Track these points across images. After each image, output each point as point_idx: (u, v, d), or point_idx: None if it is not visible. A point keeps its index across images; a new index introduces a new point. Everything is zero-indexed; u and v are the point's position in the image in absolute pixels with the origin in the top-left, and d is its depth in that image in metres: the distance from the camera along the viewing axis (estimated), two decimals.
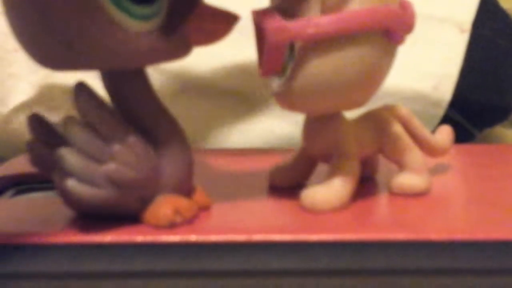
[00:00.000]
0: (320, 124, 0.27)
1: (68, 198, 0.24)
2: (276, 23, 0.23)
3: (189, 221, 0.24)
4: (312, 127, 0.27)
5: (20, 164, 0.33)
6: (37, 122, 0.25)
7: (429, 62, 0.43)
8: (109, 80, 0.24)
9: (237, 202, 0.27)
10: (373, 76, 0.25)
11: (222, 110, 0.44)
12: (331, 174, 0.26)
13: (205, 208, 0.26)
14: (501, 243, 0.22)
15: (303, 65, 0.24)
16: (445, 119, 0.43)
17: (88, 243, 0.23)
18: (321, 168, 0.28)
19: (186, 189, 0.25)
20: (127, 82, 0.24)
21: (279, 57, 0.24)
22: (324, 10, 0.23)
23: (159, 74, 0.42)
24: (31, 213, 0.26)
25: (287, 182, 0.28)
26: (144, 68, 0.25)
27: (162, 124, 0.25)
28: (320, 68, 0.24)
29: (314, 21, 0.23)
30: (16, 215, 0.26)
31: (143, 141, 0.24)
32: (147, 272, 0.22)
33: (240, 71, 0.43)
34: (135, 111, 0.24)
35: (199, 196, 0.26)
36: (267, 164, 0.29)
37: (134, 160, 0.23)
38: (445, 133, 0.30)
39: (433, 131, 0.31)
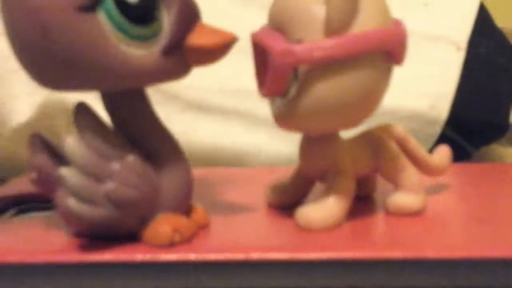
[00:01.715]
0: (316, 144, 0.27)
1: (69, 218, 0.24)
2: (281, 46, 0.24)
3: (188, 240, 0.24)
4: (309, 146, 0.27)
5: (21, 184, 0.33)
6: (38, 142, 0.25)
7: (425, 81, 0.43)
8: (109, 100, 0.25)
9: (235, 221, 0.27)
10: (374, 96, 0.25)
11: (221, 129, 0.44)
12: (326, 193, 0.26)
13: (204, 226, 0.26)
14: (498, 261, 0.22)
15: (308, 87, 0.24)
16: (442, 138, 0.43)
17: (87, 262, 0.23)
18: (319, 187, 0.28)
19: (185, 208, 0.26)
20: (127, 103, 0.25)
21: (284, 80, 0.24)
22: (328, 33, 0.24)
23: (158, 94, 0.43)
24: (31, 233, 0.26)
25: (285, 201, 0.29)
26: (144, 89, 0.25)
27: (162, 143, 0.25)
28: (326, 90, 0.24)
29: (320, 44, 0.23)
30: (17, 234, 0.26)
31: (143, 160, 0.24)
32: None
33: (238, 90, 0.44)
34: (135, 131, 0.25)
35: (199, 214, 0.26)
36: (264, 183, 0.30)
37: (134, 179, 0.23)
38: (443, 153, 0.31)
39: (430, 150, 0.31)
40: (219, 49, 0.24)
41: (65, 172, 0.23)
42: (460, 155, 0.44)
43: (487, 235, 0.25)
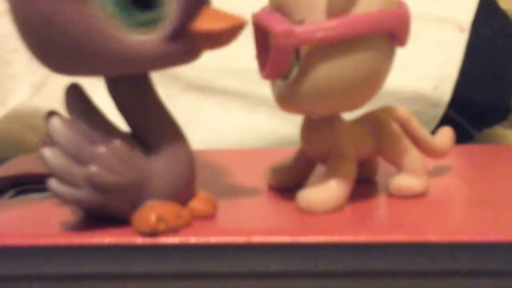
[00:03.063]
0: (318, 126, 0.27)
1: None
2: (283, 27, 0.23)
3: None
4: (310, 128, 0.27)
5: (20, 165, 0.33)
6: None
7: (428, 63, 0.43)
8: (113, 85, 0.24)
9: (236, 204, 0.27)
10: (377, 78, 0.25)
11: (222, 110, 0.44)
12: (327, 176, 0.26)
13: (205, 216, 0.25)
14: (501, 245, 0.22)
15: (310, 69, 0.24)
16: (444, 120, 0.43)
17: (87, 245, 0.23)
18: (320, 169, 0.28)
19: (183, 196, 0.25)
20: (131, 87, 0.24)
21: (285, 61, 0.24)
22: (330, 14, 0.23)
23: (159, 74, 0.42)
24: (30, 215, 0.26)
25: (286, 183, 0.28)
26: (148, 74, 0.25)
27: (162, 129, 0.25)
28: (327, 72, 0.24)
29: (322, 25, 0.23)
30: (15, 216, 0.26)
31: (131, 145, 0.24)
32: (146, 274, 0.22)
33: (239, 71, 0.43)
34: (136, 116, 0.24)
35: (199, 203, 0.25)
36: (265, 164, 0.29)
37: (118, 164, 0.23)
38: (446, 135, 0.30)
39: (433, 132, 0.31)
40: (227, 33, 0.23)
41: (47, 152, 0.23)
42: (462, 137, 0.44)
43: (489, 218, 0.24)
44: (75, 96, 0.24)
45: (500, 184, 0.29)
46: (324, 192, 0.25)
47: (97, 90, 0.26)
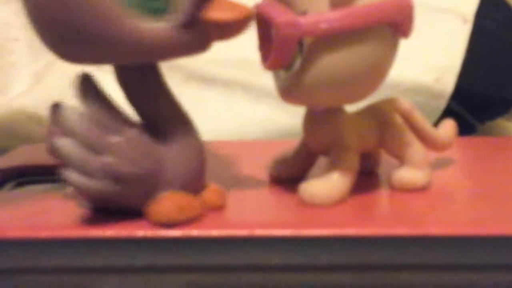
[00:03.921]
0: (321, 118, 0.27)
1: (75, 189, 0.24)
2: (287, 17, 0.23)
3: (192, 220, 0.24)
4: (313, 120, 0.27)
5: (21, 156, 0.33)
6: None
7: (431, 54, 0.43)
8: (122, 74, 0.24)
9: (238, 196, 0.27)
10: (380, 69, 0.25)
11: (224, 100, 0.44)
12: (330, 168, 0.26)
13: (215, 208, 0.25)
14: (503, 238, 0.22)
15: (314, 60, 0.24)
16: (447, 111, 0.43)
17: (88, 237, 0.23)
18: (322, 161, 0.28)
19: (195, 186, 0.25)
20: (140, 76, 0.24)
21: (289, 52, 0.24)
22: (333, 5, 0.23)
23: (161, 64, 0.42)
24: (31, 207, 0.26)
25: (288, 175, 0.28)
26: (157, 63, 0.25)
27: (173, 119, 0.25)
28: (331, 63, 0.24)
29: (326, 16, 0.23)
30: (17, 208, 0.26)
31: (146, 135, 0.24)
32: (148, 267, 0.22)
33: (241, 62, 0.43)
34: (146, 106, 0.24)
35: (211, 194, 0.25)
36: (267, 156, 0.29)
37: (133, 154, 0.23)
38: (449, 127, 0.30)
39: (435, 124, 0.31)
40: (237, 24, 0.23)
41: (61, 142, 0.23)
42: (465, 129, 0.44)
43: (492, 211, 0.24)
44: (88, 84, 0.23)
45: (503, 176, 0.29)
46: (327, 184, 0.25)
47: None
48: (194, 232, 0.23)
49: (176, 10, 0.23)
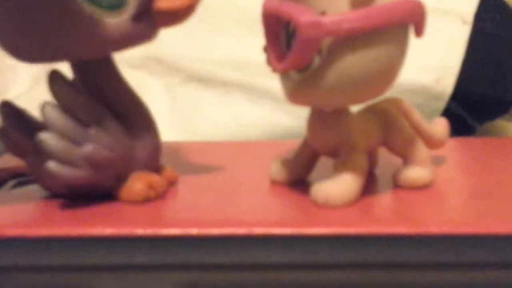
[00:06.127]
0: (328, 119, 0.26)
1: (48, 180, 0.26)
2: (309, 17, 0.23)
3: (190, 215, 0.24)
4: (320, 121, 0.27)
5: None
6: (8, 109, 0.26)
7: (430, 55, 0.43)
8: (79, 69, 0.26)
9: (237, 195, 0.27)
10: (396, 68, 0.25)
11: (222, 101, 0.44)
12: (340, 169, 0.26)
13: (173, 182, 0.28)
14: (503, 237, 0.22)
15: (334, 60, 0.24)
16: (446, 112, 0.43)
17: (87, 236, 0.23)
18: (323, 163, 0.28)
19: (155, 167, 0.27)
20: (97, 70, 0.26)
21: (310, 53, 0.24)
22: (353, 5, 0.23)
23: (160, 66, 0.42)
24: (30, 205, 0.26)
25: (289, 177, 0.28)
26: (111, 56, 0.26)
27: (131, 108, 0.26)
28: (351, 63, 0.24)
29: (348, 16, 0.23)
30: (16, 207, 0.26)
31: (117, 123, 0.25)
32: (147, 265, 0.22)
33: (239, 63, 0.43)
34: (106, 97, 0.26)
35: (168, 172, 0.28)
36: (266, 156, 0.29)
37: (109, 141, 0.25)
38: (442, 125, 0.31)
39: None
40: (185, 10, 0.25)
41: (44, 136, 0.24)
42: (464, 130, 0.44)
43: (491, 210, 0.24)
44: (59, 81, 0.25)
45: (502, 176, 0.29)
46: (341, 185, 0.25)
47: None
48: (193, 230, 0.23)
49: (130, 4, 0.24)
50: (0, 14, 0.23)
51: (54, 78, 0.25)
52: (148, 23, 0.25)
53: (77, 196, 0.26)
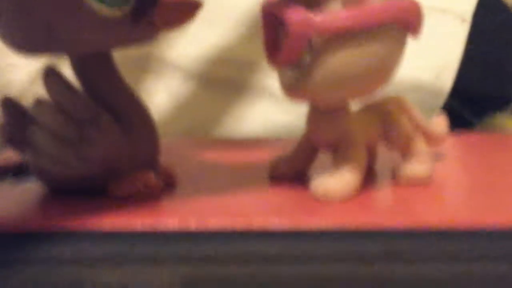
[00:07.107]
0: (327, 115, 0.26)
1: (42, 175, 0.26)
2: (300, 15, 0.23)
3: (189, 209, 0.24)
4: (319, 117, 0.27)
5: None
6: (9, 104, 0.26)
7: (429, 53, 0.43)
8: (78, 64, 0.25)
9: (236, 191, 0.27)
10: (389, 67, 0.25)
11: (221, 99, 0.44)
12: (340, 163, 0.26)
13: (171, 182, 0.27)
14: (501, 231, 0.22)
15: (324, 57, 0.24)
16: (445, 108, 0.43)
17: (87, 230, 0.23)
18: (321, 158, 0.28)
19: (154, 166, 0.27)
20: (96, 66, 0.25)
21: (300, 50, 0.24)
22: (345, 3, 0.23)
23: (160, 64, 0.42)
24: (30, 200, 0.26)
25: (287, 173, 0.28)
26: (111, 52, 0.26)
27: (129, 104, 0.26)
28: (342, 61, 0.24)
29: (339, 15, 0.23)
30: (16, 202, 0.26)
31: (111, 121, 0.25)
32: (145, 259, 0.22)
33: (238, 60, 0.43)
34: (104, 94, 0.26)
35: (166, 170, 0.27)
36: (267, 153, 0.29)
37: (103, 139, 0.24)
38: (441, 122, 0.31)
39: None
40: (185, 14, 0.25)
41: (36, 133, 0.24)
42: (463, 126, 0.44)
43: (489, 204, 0.25)
44: (53, 77, 0.25)
45: (501, 171, 0.30)
46: (340, 180, 0.25)
47: None
48: (192, 223, 0.23)
49: (131, 1, 0.24)
50: (2, 5, 0.23)
51: (48, 74, 0.25)
52: (148, 24, 0.25)
53: (73, 192, 0.25)
